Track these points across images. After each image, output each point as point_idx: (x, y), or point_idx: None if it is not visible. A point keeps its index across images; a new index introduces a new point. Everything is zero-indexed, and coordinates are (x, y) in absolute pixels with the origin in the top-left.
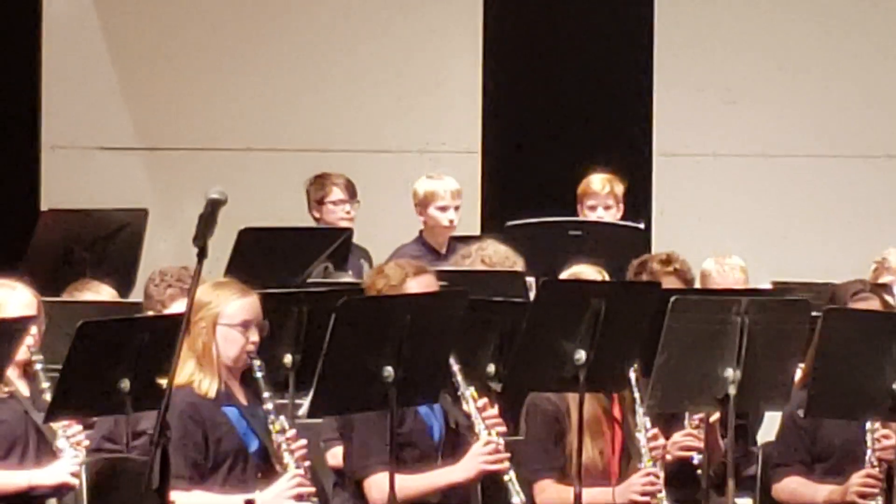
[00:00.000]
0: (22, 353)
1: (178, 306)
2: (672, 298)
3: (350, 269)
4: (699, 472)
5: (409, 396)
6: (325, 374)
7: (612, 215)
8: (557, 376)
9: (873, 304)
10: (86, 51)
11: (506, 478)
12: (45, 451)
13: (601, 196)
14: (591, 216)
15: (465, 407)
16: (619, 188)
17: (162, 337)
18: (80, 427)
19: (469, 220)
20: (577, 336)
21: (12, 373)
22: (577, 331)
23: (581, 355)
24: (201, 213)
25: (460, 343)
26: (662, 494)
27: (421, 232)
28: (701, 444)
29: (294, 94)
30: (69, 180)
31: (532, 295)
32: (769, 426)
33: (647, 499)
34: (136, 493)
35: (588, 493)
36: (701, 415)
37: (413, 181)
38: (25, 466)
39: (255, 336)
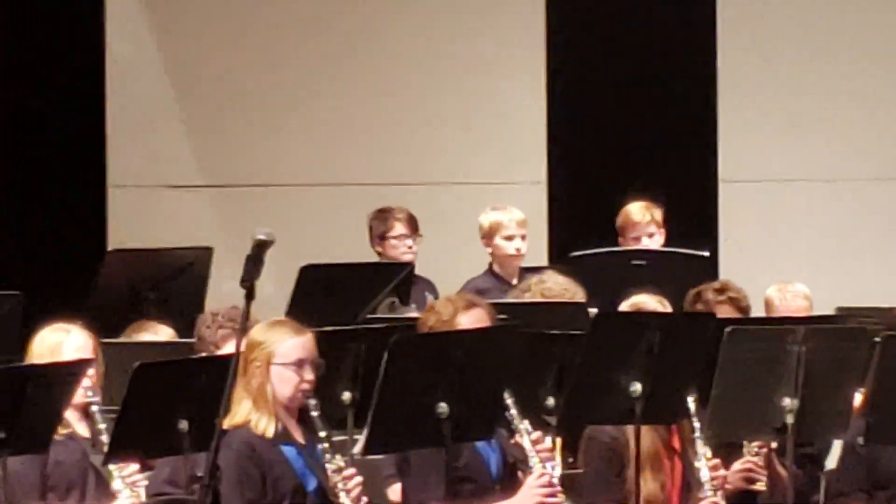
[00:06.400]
0: (79, 396)
1: (230, 347)
2: (727, 329)
3: (414, 303)
4: (758, 499)
5: (463, 432)
6: (379, 411)
7: (657, 241)
8: (614, 409)
9: None
10: (149, 89)
11: None
12: (104, 492)
13: (643, 225)
14: (633, 247)
15: (518, 440)
16: (658, 213)
17: (219, 377)
18: (136, 467)
19: (536, 251)
20: (632, 368)
21: (72, 415)
22: (633, 363)
23: (637, 387)
24: (248, 255)
25: (519, 376)
26: None
27: (490, 264)
28: (762, 473)
29: (357, 128)
30: (135, 219)
31: None
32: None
33: None
34: None
35: None
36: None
37: (479, 213)
38: None
39: (309, 375)
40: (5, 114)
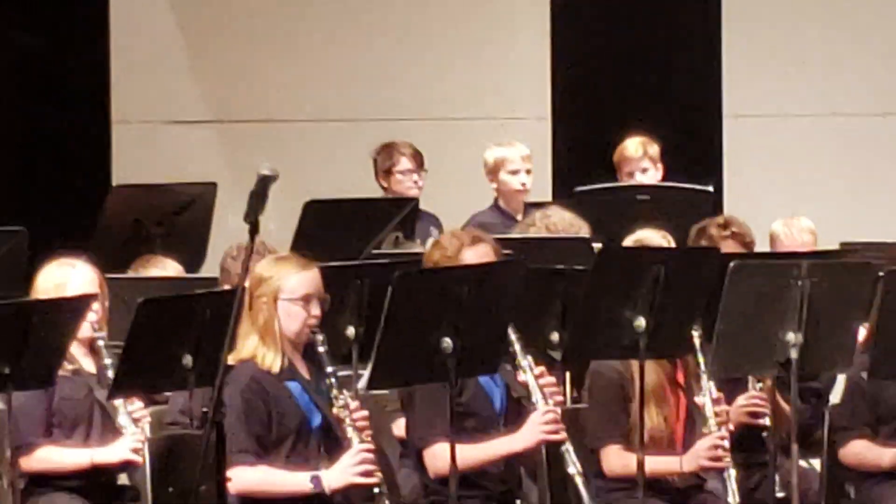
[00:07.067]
0: (86, 331)
1: None
2: (731, 264)
3: (418, 238)
4: (765, 434)
5: (467, 368)
6: (383, 347)
7: (652, 177)
8: (618, 344)
9: None
10: (153, 24)
11: (562, 448)
12: (110, 428)
13: (635, 160)
14: (631, 183)
15: (522, 376)
16: (654, 149)
17: (223, 312)
18: (140, 404)
19: (540, 186)
20: (636, 303)
21: (78, 350)
22: (637, 298)
23: (641, 322)
24: (252, 190)
25: (523, 312)
26: (728, 459)
27: (495, 199)
28: (765, 408)
29: (362, 63)
30: (139, 155)
31: None
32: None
33: (714, 464)
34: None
35: (655, 460)
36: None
37: (483, 149)
38: (91, 444)
39: (316, 310)
40: (8, 51)
